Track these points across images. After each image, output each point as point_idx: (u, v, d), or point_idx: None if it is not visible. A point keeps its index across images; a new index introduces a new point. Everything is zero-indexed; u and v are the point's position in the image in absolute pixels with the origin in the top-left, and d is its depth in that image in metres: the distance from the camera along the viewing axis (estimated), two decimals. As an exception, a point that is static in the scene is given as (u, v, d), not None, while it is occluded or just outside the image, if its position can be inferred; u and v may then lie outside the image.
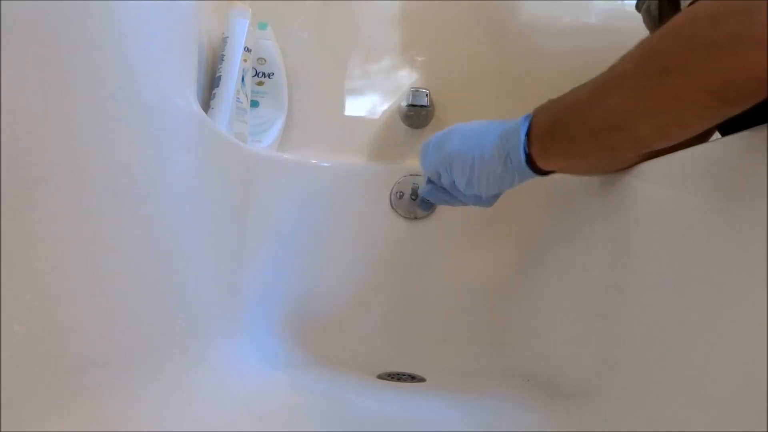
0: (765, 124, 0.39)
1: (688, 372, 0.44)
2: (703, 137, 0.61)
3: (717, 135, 0.57)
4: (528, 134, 0.53)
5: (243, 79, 0.79)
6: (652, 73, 0.42)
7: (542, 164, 0.54)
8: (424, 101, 0.87)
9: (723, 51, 0.36)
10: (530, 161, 0.54)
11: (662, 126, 0.43)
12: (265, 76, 0.87)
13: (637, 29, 0.88)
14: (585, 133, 0.49)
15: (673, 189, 0.53)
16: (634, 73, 0.44)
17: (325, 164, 0.89)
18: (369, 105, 0.93)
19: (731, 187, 0.43)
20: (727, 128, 0.51)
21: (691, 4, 0.40)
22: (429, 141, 0.65)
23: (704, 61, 0.38)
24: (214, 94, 0.75)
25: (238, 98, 0.77)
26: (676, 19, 0.40)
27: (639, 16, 0.67)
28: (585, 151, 0.51)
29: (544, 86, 0.54)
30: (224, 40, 0.77)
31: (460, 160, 0.60)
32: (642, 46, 0.43)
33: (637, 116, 0.44)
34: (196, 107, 0.59)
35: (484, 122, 0.61)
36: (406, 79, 0.92)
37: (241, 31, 0.78)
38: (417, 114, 0.88)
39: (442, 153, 0.62)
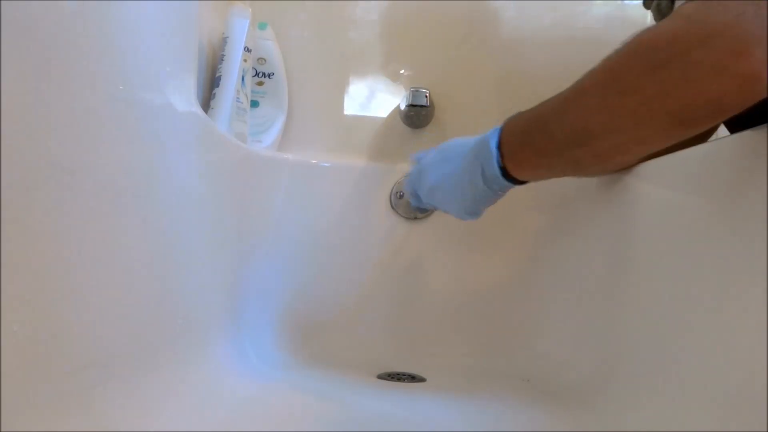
0: (765, 124, 0.39)
1: (688, 372, 0.44)
2: (702, 137, 0.61)
3: (721, 133, 0.57)
4: (500, 146, 0.54)
5: (243, 79, 0.79)
6: (612, 91, 0.42)
7: (518, 175, 0.54)
8: (424, 101, 0.87)
9: (679, 75, 0.36)
10: (505, 172, 0.54)
11: (622, 143, 0.43)
12: (265, 76, 0.87)
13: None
14: (550, 146, 0.49)
15: (672, 189, 0.53)
16: (595, 89, 0.44)
17: (325, 164, 0.89)
18: (369, 105, 0.93)
19: (731, 187, 0.43)
20: (734, 126, 0.51)
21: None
22: (406, 182, 0.68)
23: (661, 83, 0.38)
24: (214, 94, 0.75)
25: (238, 98, 0.77)
26: (641, 35, 0.40)
27: (639, 23, 0.67)
28: (551, 164, 0.51)
29: (544, 86, 0.54)
30: (224, 40, 0.77)
31: (441, 192, 0.61)
32: (608, 60, 0.43)
33: (597, 133, 0.44)
34: (196, 107, 0.59)
35: (453, 143, 0.62)
36: (406, 79, 0.92)
37: (241, 31, 0.78)
38: (417, 114, 0.88)
39: (423, 192, 0.64)
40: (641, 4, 0.67)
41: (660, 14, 0.62)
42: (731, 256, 0.41)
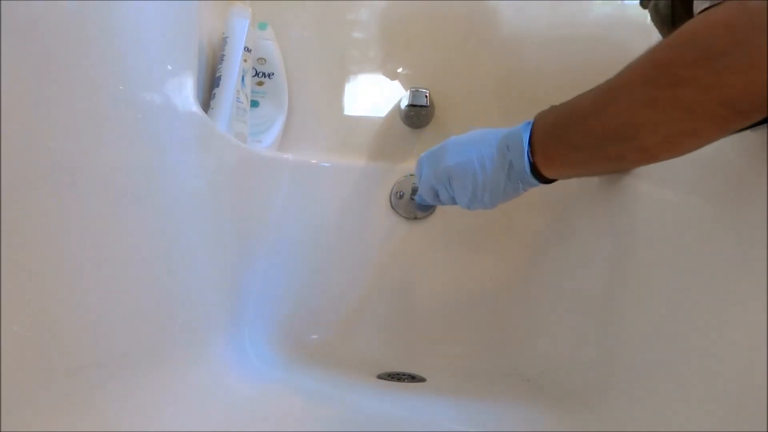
0: (765, 125, 0.39)
1: (688, 372, 0.43)
2: None
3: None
4: (530, 142, 0.52)
5: (243, 79, 0.79)
6: (663, 83, 0.41)
7: (546, 172, 0.53)
8: (424, 101, 0.86)
9: (739, 62, 0.36)
10: (534, 169, 0.53)
11: (672, 137, 0.42)
12: (265, 76, 0.87)
13: (637, 35, 0.88)
14: (590, 142, 0.48)
15: (673, 189, 0.53)
16: (642, 81, 0.42)
17: (325, 164, 0.89)
18: (369, 105, 0.93)
19: (731, 187, 0.43)
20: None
21: (705, 10, 0.39)
22: (423, 156, 0.63)
23: (719, 72, 0.37)
24: (214, 94, 0.75)
25: (238, 98, 0.77)
26: (689, 27, 0.39)
27: (639, 23, 0.67)
28: (590, 161, 0.50)
29: (544, 86, 0.54)
30: (224, 40, 0.77)
31: (459, 175, 0.58)
32: (652, 53, 0.42)
33: (646, 127, 0.43)
34: (196, 107, 0.59)
35: (480, 131, 0.59)
36: (406, 79, 0.92)
37: (241, 31, 0.77)
38: (417, 114, 0.88)
39: (439, 168, 0.60)
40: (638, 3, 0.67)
41: (657, 14, 0.62)
42: (731, 256, 0.41)
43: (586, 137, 0.48)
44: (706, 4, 0.40)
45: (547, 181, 0.54)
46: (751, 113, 0.37)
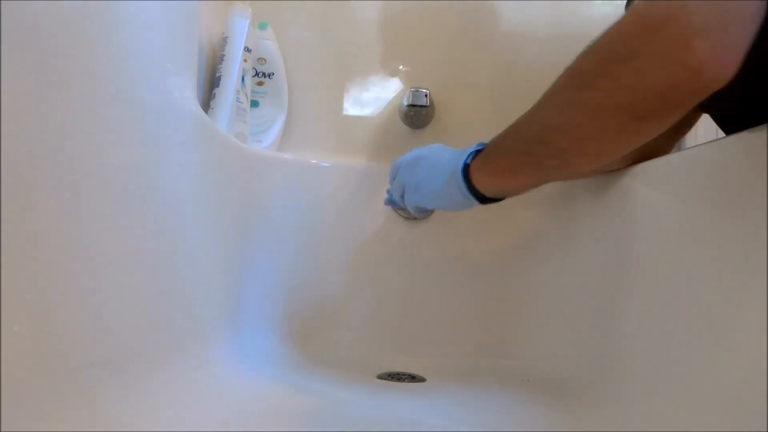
0: (765, 125, 0.39)
1: (688, 372, 0.44)
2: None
3: (718, 134, 0.57)
4: (467, 166, 0.55)
5: (243, 79, 0.79)
6: (573, 86, 0.43)
7: (477, 182, 0.55)
8: (424, 101, 0.87)
9: (630, 68, 0.37)
10: (471, 184, 0.55)
11: (580, 140, 0.44)
12: (265, 76, 0.87)
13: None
14: (516, 145, 0.51)
15: (672, 189, 0.53)
16: (562, 86, 0.45)
17: (325, 164, 0.89)
18: (369, 105, 0.93)
19: (731, 188, 0.43)
20: (730, 127, 0.51)
21: None
22: (397, 164, 0.69)
23: (614, 77, 0.38)
24: (214, 94, 0.75)
25: (238, 98, 0.77)
26: (599, 37, 0.41)
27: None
28: (515, 167, 0.52)
29: (544, 86, 0.54)
30: (224, 40, 0.77)
31: (423, 188, 0.63)
32: (576, 60, 0.44)
33: (559, 129, 0.45)
34: (196, 107, 0.59)
35: (446, 150, 0.63)
36: (406, 79, 0.92)
37: (241, 31, 0.77)
38: (417, 114, 0.88)
39: (409, 180, 0.65)
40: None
41: None
42: (731, 256, 0.41)
43: (514, 141, 0.51)
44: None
45: (487, 199, 0.56)
46: (648, 117, 0.39)
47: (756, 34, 0.36)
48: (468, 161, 0.56)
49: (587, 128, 0.42)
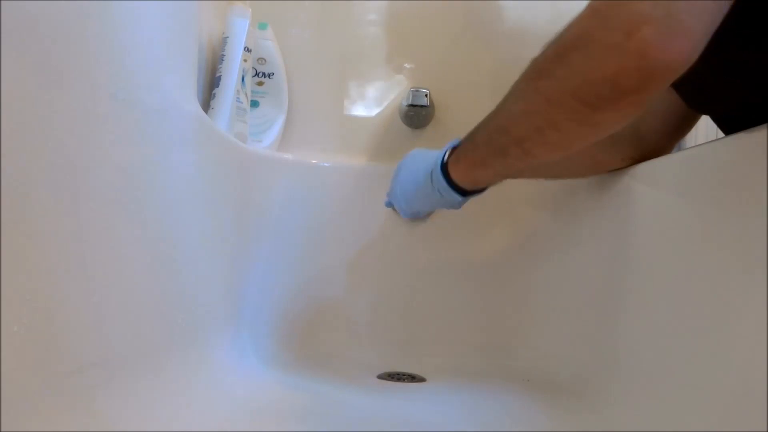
0: (765, 124, 0.39)
1: (688, 371, 0.44)
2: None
3: (718, 134, 0.57)
4: (446, 162, 0.58)
5: (243, 79, 0.79)
6: (531, 75, 0.44)
7: (455, 176, 0.56)
8: (424, 101, 0.87)
9: (579, 53, 0.38)
10: (450, 179, 0.57)
11: (537, 127, 0.44)
12: (265, 76, 0.87)
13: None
14: (484, 137, 0.52)
15: (671, 189, 0.53)
16: (521, 80, 0.46)
17: (325, 164, 0.89)
18: (369, 105, 0.93)
19: (731, 188, 0.43)
20: (730, 128, 0.51)
21: None
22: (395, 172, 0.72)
23: (568, 64, 0.39)
24: (214, 94, 0.75)
25: (238, 98, 0.77)
26: (561, 29, 0.42)
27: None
28: (484, 158, 0.53)
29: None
30: (224, 40, 0.77)
31: (406, 193, 0.66)
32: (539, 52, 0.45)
33: (519, 117, 0.46)
34: (196, 107, 0.59)
35: (425, 153, 0.66)
36: (406, 79, 0.92)
37: (241, 31, 0.77)
38: (417, 114, 0.88)
39: (394, 189, 0.69)
40: None
41: None
42: (730, 255, 0.41)
43: (483, 133, 0.52)
44: None
45: (466, 191, 0.58)
46: (600, 105, 0.39)
47: (753, 36, 0.36)
48: (445, 158, 0.57)
49: (542, 116, 0.43)
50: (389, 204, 0.78)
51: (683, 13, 0.33)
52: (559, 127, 0.43)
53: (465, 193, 0.57)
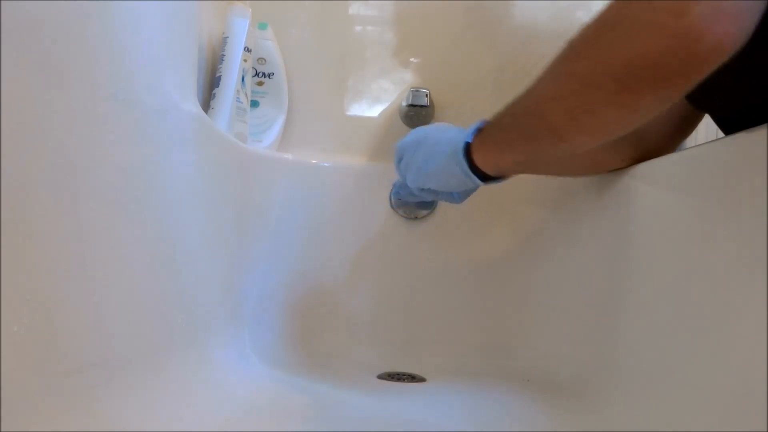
0: (765, 124, 0.39)
1: (688, 371, 0.44)
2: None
3: (718, 134, 0.57)
4: (469, 145, 0.55)
5: (243, 79, 0.79)
6: (565, 59, 0.42)
7: (478, 160, 0.54)
8: (424, 101, 0.87)
9: (620, 34, 0.36)
10: (472, 162, 0.55)
11: (572, 111, 0.43)
12: (265, 76, 0.87)
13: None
14: (513, 121, 0.50)
15: (672, 189, 0.53)
16: (559, 58, 0.44)
17: (325, 164, 0.89)
18: (369, 105, 0.93)
19: (731, 187, 0.43)
20: (730, 125, 0.51)
21: None
22: (401, 146, 0.67)
23: (604, 44, 0.38)
24: (214, 94, 0.75)
25: (238, 98, 0.77)
26: (600, 10, 0.40)
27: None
28: (512, 143, 0.51)
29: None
30: (224, 40, 0.77)
31: (426, 167, 0.61)
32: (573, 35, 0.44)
33: (551, 101, 0.44)
34: (196, 107, 0.59)
35: (430, 135, 0.62)
36: (406, 79, 0.92)
37: (241, 31, 0.77)
38: (417, 114, 0.88)
39: (412, 161, 0.64)
40: None
41: None
42: (730, 255, 0.41)
43: (512, 116, 0.50)
44: None
45: (489, 177, 0.56)
46: (638, 88, 0.37)
47: (759, 34, 0.36)
48: (470, 139, 0.55)
49: (578, 99, 0.41)
50: (396, 192, 0.74)
51: None
52: (594, 112, 0.41)
53: (486, 178, 0.56)
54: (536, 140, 0.48)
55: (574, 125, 0.44)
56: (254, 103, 0.86)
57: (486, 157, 0.54)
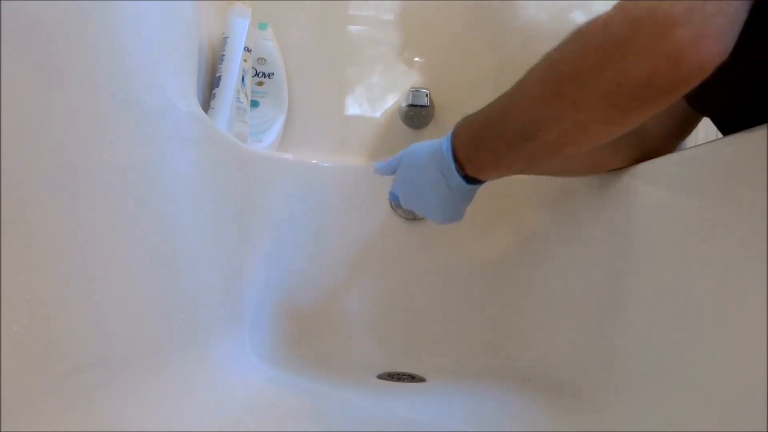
0: (765, 124, 0.39)
1: (688, 371, 0.43)
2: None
3: (718, 134, 0.57)
4: (455, 154, 0.54)
5: (243, 79, 0.79)
6: (552, 80, 0.43)
7: (481, 176, 0.54)
8: (424, 101, 0.87)
9: (610, 57, 0.37)
10: (468, 177, 0.54)
11: (566, 132, 0.43)
12: (265, 76, 0.87)
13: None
14: (504, 145, 0.50)
15: (672, 189, 0.53)
16: (537, 82, 0.45)
17: (325, 164, 0.89)
18: (369, 105, 0.93)
19: (731, 187, 0.43)
20: (729, 128, 0.51)
21: None
22: (391, 165, 0.67)
23: (594, 67, 0.38)
24: (214, 94, 0.75)
25: (238, 98, 0.77)
26: (579, 28, 0.40)
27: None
28: (509, 162, 0.52)
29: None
30: (224, 40, 0.77)
31: (413, 202, 0.62)
32: (546, 55, 0.44)
33: (542, 124, 0.45)
34: (196, 107, 0.59)
35: (411, 153, 0.61)
36: (406, 79, 0.92)
37: (241, 31, 0.77)
38: (417, 114, 0.88)
39: (399, 187, 0.64)
40: None
41: None
42: (730, 255, 0.41)
43: (501, 141, 0.50)
44: None
45: (480, 181, 0.55)
46: (630, 108, 0.38)
47: (754, 37, 0.36)
48: (452, 145, 0.55)
49: (572, 119, 0.42)
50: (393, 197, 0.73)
51: (718, 16, 0.33)
52: (587, 129, 0.42)
53: (469, 180, 0.56)
54: (534, 158, 0.49)
55: (570, 142, 0.45)
56: (254, 103, 0.86)
57: (480, 172, 0.54)
